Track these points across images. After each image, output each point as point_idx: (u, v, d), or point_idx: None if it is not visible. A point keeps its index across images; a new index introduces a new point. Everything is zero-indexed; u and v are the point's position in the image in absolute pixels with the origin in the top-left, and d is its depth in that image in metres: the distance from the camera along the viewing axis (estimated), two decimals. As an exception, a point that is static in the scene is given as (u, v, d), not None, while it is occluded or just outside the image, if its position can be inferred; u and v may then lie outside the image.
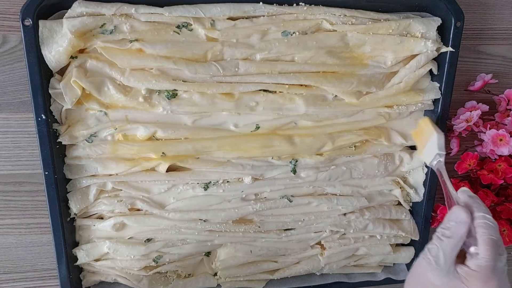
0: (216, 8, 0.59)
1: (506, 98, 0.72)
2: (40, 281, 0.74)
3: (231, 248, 0.71)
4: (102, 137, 0.63)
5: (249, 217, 0.70)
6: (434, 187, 0.72)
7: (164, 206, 0.67)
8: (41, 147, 0.59)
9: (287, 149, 0.66)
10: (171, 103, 0.61)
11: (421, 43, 0.64)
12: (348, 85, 0.64)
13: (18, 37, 0.62)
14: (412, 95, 0.67)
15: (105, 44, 0.58)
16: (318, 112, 0.66)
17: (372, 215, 0.73)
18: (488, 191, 0.72)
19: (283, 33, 0.61)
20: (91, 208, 0.66)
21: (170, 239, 0.69)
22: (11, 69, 0.63)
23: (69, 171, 0.63)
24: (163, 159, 0.64)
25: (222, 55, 0.61)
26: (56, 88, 0.58)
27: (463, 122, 0.69)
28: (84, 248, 0.67)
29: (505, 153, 0.68)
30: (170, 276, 0.71)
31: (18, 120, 0.66)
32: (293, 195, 0.71)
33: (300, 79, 0.63)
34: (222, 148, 0.64)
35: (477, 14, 0.73)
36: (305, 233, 0.72)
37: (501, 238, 0.50)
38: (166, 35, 0.59)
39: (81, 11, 0.56)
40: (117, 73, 0.59)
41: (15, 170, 0.68)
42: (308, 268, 0.74)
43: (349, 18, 0.63)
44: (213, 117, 0.64)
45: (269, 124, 0.66)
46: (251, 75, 0.62)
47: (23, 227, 0.71)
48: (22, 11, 0.54)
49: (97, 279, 0.70)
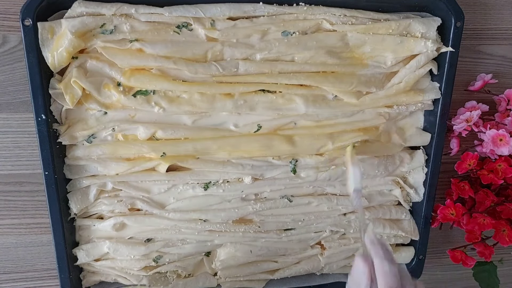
0: (216, 8, 0.59)
1: (506, 98, 0.72)
2: (40, 281, 0.74)
3: (231, 248, 0.71)
4: (102, 137, 0.63)
5: (249, 217, 0.70)
6: (434, 187, 0.72)
7: (164, 206, 0.67)
8: (41, 147, 0.59)
9: (287, 149, 0.66)
10: (171, 103, 0.61)
11: (421, 43, 0.64)
12: (348, 85, 0.64)
13: (18, 37, 0.62)
14: (412, 95, 0.67)
15: (105, 44, 0.58)
16: (318, 112, 0.66)
17: (372, 215, 0.73)
18: (488, 191, 0.72)
19: (283, 33, 0.61)
20: (91, 208, 0.66)
21: (170, 239, 0.69)
22: (11, 69, 0.63)
23: (69, 171, 0.63)
24: (163, 159, 0.64)
25: (222, 55, 0.61)
26: (56, 88, 0.58)
27: (463, 122, 0.69)
28: (84, 248, 0.67)
29: (505, 153, 0.68)
30: (170, 276, 0.71)
31: (18, 120, 0.66)
32: (293, 195, 0.71)
33: (300, 79, 0.63)
34: (222, 148, 0.64)
35: (477, 14, 0.73)
36: (305, 233, 0.72)
37: (399, 280, 0.49)
38: (166, 35, 0.59)
39: (81, 11, 0.56)
40: (117, 73, 0.60)
41: (15, 170, 0.68)
42: (308, 268, 0.74)
43: (349, 18, 0.63)
44: (213, 117, 0.64)
45: (269, 124, 0.66)
46: (251, 75, 0.62)
47: (23, 227, 0.71)
48: (22, 11, 0.54)
49: (97, 279, 0.70)
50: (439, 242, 0.86)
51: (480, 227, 0.69)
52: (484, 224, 0.69)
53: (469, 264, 0.72)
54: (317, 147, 0.67)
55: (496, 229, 0.69)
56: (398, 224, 0.75)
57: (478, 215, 0.69)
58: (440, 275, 0.89)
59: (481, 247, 0.72)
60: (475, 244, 0.73)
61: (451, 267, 0.87)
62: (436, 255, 0.87)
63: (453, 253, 0.73)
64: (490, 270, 0.78)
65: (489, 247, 0.72)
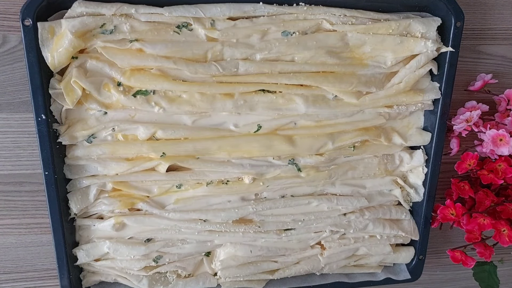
0: (216, 8, 0.59)
1: (506, 98, 0.72)
2: (40, 281, 0.74)
3: (231, 248, 0.71)
4: (102, 137, 0.63)
5: (249, 217, 0.70)
6: (434, 187, 0.72)
7: (164, 206, 0.67)
8: (41, 147, 0.59)
9: (287, 149, 0.66)
10: (171, 103, 0.61)
11: (421, 43, 0.64)
12: (348, 85, 0.64)
13: (18, 37, 0.62)
14: (412, 95, 0.67)
15: (105, 44, 0.58)
16: (318, 112, 0.66)
17: (372, 215, 0.73)
18: (488, 191, 0.72)
19: (283, 33, 0.61)
20: (91, 208, 0.66)
21: (170, 239, 0.69)
22: (11, 69, 0.63)
23: (69, 171, 0.63)
24: (163, 159, 0.64)
25: (222, 55, 0.61)
26: (56, 88, 0.58)
27: (463, 122, 0.69)
28: (84, 248, 0.67)
29: (505, 153, 0.68)
30: (170, 276, 0.71)
31: (18, 120, 0.66)
32: (293, 195, 0.71)
33: (300, 79, 0.63)
34: (222, 148, 0.64)
35: (477, 14, 0.73)
36: (305, 233, 0.72)
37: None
38: (166, 35, 0.59)
39: (81, 11, 0.56)
40: (117, 73, 0.60)
41: (15, 170, 0.68)
42: (308, 268, 0.74)
43: (349, 18, 0.63)
44: (213, 117, 0.64)
45: (269, 124, 0.66)
46: (251, 75, 0.62)
47: (23, 227, 0.71)
48: (22, 11, 0.54)
49: (97, 279, 0.70)
50: (439, 242, 0.86)
51: (480, 227, 0.69)
52: (484, 224, 0.69)
53: (469, 264, 0.72)
54: (317, 147, 0.67)
55: (496, 229, 0.69)
56: (398, 224, 0.75)
57: (478, 215, 0.69)
58: (440, 275, 0.89)
59: (481, 247, 0.72)
60: (475, 244, 0.73)
61: (451, 267, 0.87)
62: (436, 255, 0.87)
63: (453, 253, 0.73)
64: (490, 270, 0.78)
65: (489, 247, 0.72)
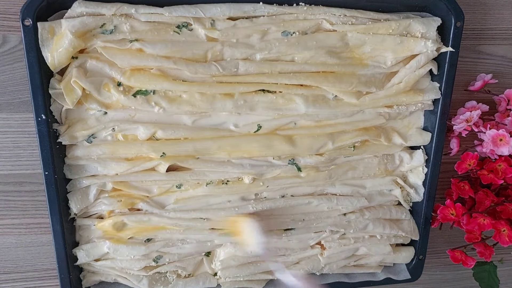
0: (216, 8, 0.59)
1: (506, 98, 0.72)
2: (40, 281, 0.74)
3: (231, 248, 0.71)
4: (102, 137, 0.63)
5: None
6: (434, 187, 0.72)
7: (164, 206, 0.67)
8: (41, 147, 0.59)
9: (287, 149, 0.66)
10: (171, 103, 0.61)
11: (421, 43, 0.64)
12: (348, 85, 0.64)
13: (18, 37, 0.62)
14: (412, 95, 0.67)
15: (105, 44, 0.58)
16: (318, 112, 0.66)
17: (372, 215, 0.73)
18: (488, 191, 0.72)
19: (283, 33, 0.61)
20: (91, 208, 0.66)
21: (170, 239, 0.69)
22: (11, 69, 0.63)
23: (69, 171, 0.63)
24: (163, 159, 0.64)
25: (222, 55, 0.61)
26: (56, 88, 0.58)
27: (463, 122, 0.69)
28: (84, 248, 0.67)
29: (505, 153, 0.68)
30: (170, 276, 0.71)
31: (18, 120, 0.66)
32: (293, 195, 0.71)
33: (300, 79, 0.63)
34: (222, 148, 0.64)
35: (477, 14, 0.73)
36: (305, 233, 0.72)
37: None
38: (166, 35, 0.59)
39: (81, 11, 0.56)
40: (117, 73, 0.60)
41: (15, 170, 0.68)
42: (308, 268, 0.74)
43: (349, 18, 0.63)
44: (213, 117, 0.64)
45: (269, 124, 0.66)
46: (251, 75, 0.62)
47: (23, 227, 0.71)
48: (22, 11, 0.54)
49: (97, 279, 0.70)
50: (439, 242, 0.86)
51: (480, 227, 0.69)
52: (484, 224, 0.69)
53: (469, 264, 0.72)
54: (317, 147, 0.67)
55: (496, 229, 0.69)
56: (398, 224, 0.75)
57: (478, 215, 0.69)
58: (440, 275, 0.89)
59: (481, 247, 0.72)
60: (475, 244, 0.73)
61: (451, 267, 0.87)
62: (436, 255, 0.87)
63: (453, 253, 0.73)
64: (490, 270, 0.78)
65: (489, 247, 0.72)
